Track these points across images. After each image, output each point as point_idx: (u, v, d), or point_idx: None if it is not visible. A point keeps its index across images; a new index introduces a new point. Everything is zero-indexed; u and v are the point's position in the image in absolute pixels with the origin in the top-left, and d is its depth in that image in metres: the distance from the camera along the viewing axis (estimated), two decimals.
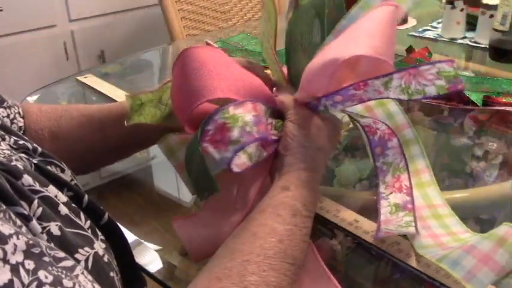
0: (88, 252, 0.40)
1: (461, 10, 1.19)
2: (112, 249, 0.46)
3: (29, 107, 0.63)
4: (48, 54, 1.87)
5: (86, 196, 0.47)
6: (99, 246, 0.42)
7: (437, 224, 0.56)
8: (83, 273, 0.36)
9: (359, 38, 0.48)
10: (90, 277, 0.37)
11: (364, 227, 0.57)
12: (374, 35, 0.48)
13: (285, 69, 0.58)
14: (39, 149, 0.48)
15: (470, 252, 0.47)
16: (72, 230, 0.41)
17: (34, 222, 0.37)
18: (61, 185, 0.45)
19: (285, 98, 0.53)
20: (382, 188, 0.58)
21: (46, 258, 0.33)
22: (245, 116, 0.47)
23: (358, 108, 0.63)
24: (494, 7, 1.08)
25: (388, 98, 0.49)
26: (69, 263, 0.36)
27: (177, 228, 0.52)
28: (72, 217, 0.42)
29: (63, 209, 0.42)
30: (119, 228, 0.49)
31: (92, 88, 1.01)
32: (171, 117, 0.57)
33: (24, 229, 0.35)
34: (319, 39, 0.55)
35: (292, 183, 0.48)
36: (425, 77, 0.46)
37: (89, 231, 0.43)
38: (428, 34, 1.26)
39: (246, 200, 0.51)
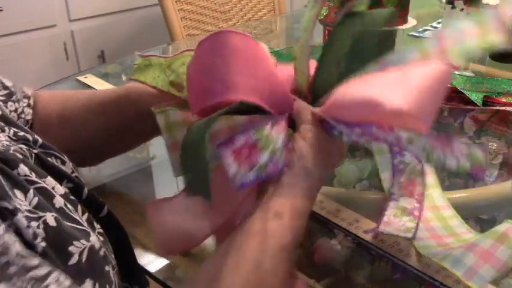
0: (84, 245, 0.40)
1: (461, 10, 1.19)
2: (111, 242, 0.46)
3: (39, 94, 0.63)
4: (48, 54, 1.87)
5: (86, 188, 0.47)
6: (96, 239, 0.42)
7: (440, 226, 0.56)
8: (57, 280, 0.35)
9: (408, 89, 0.42)
10: (68, 282, 0.36)
11: (364, 227, 0.57)
12: (424, 91, 0.42)
13: (311, 67, 0.52)
14: (40, 141, 0.48)
15: (471, 250, 0.47)
16: (67, 224, 0.40)
17: (20, 216, 0.36)
18: (61, 176, 0.45)
19: (303, 108, 0.48)
20: (395, 189, 0.56)
21: (12, 269, 0.32)
22: (279, 139, 0.43)
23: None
24: (494, 7, 1.08)
25: (405, 150, 0.47)
26: (42, 271, 0.34)
27: (151, 213, 0.48)
28: (68, 211, 0.41)
29: (59, 201, 0.41)
30: (118, 222, 0.49)
31: (92, 88, 1.01)
32: (172, 86, 0.53)
33: (2, 227, 0.34)
34: (359, 60, 0.49)
35: (287, 210, 0.44)
36: (452, 150, 0.43)
37: (86, 223, 0.43)
38: (428, 34, 1.26)
39: (231, 203, 0.47)
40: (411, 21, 1.06)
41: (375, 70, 0.47)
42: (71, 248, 0.38)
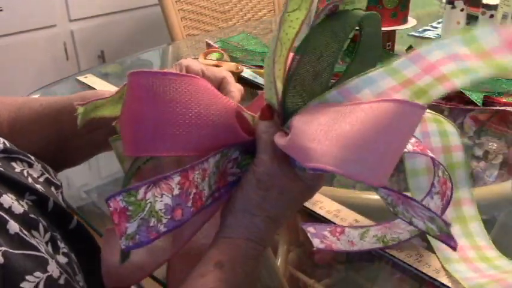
0: (38, 277, 0.37)
1: (461, 10, 1.19)
2: (81, 255, 0.44)
3: None
4: (48, 54, 1.87)
5: (52, 199, 0.44)
6: (55, 266, 0.39)
7: (461, 232, 0.53)
8: None
9: (350, 143, 0.34)
10: None
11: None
12: (373, 146, 0.34)
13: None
14: (1, 146, 0.45)
15: None
16: (22, 252, 0.37)
17: None
18: (22, 188, 0.42)
19: (264, 133, 0.42)
20: (436, 181, 0.48)
21: None
22: (158, 201, 0.37)
23: None
24: (494, 7, 1.08)
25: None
26: None
27: (105, 240, 0.45)
28: (23, 235, 0.38)
29: (13, 227, 0.37)
30: (89, 233, 0.47)
31: (92, 88, 1.01)
32: None
33: None
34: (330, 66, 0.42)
35: (228, 257, 0.40)
36: (415, 211, 0.40)
37: (49, 245, 0.40)
38: (428, 34, 1.26)
39: (182, 236, 0.43)
40: (411, 21, 1.06)
41: (334, 97, 0.40)
42: (23, 285, 0.36)
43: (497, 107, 0.82)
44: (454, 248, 0.40)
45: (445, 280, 0.49)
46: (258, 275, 0.42)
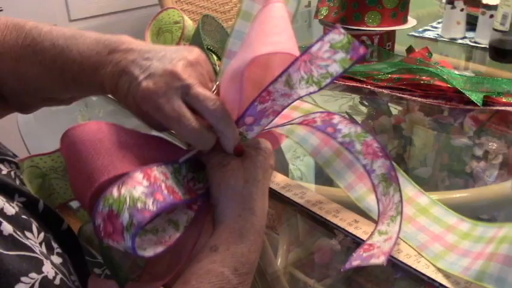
0: (34, 278, 0.37)
1: (461, 10, 1.19)
2: (75, 254, 0.45)
3: None
4: None
5: (41, 201, 0.44)
6: (50, 267, 0.39)
7: (429, 221, 0.55)
8: None
9: (253, 42, 0.44)
10: None
11: (364, 227, 0.57)
12: (268, 33, 0.44)
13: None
14: None
15: (510, 264, 0.45)
16: (16, 253, 0.37)
17: None
18: (11, 191, 0.42)
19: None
20: (361, 159, 0.52)
21: None
22: (134, 191, 0.40)
23: (327, 155, 0.61)
24: (494, 7, 1.08)
25: (300, 98, 0.44)
26: None
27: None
28: (18, 236, 0.38)
29: (7, 228, 0.37)
30: (76, 239, 0.47)
31: None
32: None
33: None
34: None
35: (221, 240, 0.42)
36: (322, 58, 0.41)
37: (43, 246, 0.40)
38: (428, 34, 1.26)
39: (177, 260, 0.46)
40: (411, 21, 1.06)
41: (225, 63, 0.52)
42: (17, 286, 0.36)
43: (497, 107, 0.82)
44: (363, 56, 0.40)
45: (444, 281, 0.49)
46: (257, 255, 0.44)
